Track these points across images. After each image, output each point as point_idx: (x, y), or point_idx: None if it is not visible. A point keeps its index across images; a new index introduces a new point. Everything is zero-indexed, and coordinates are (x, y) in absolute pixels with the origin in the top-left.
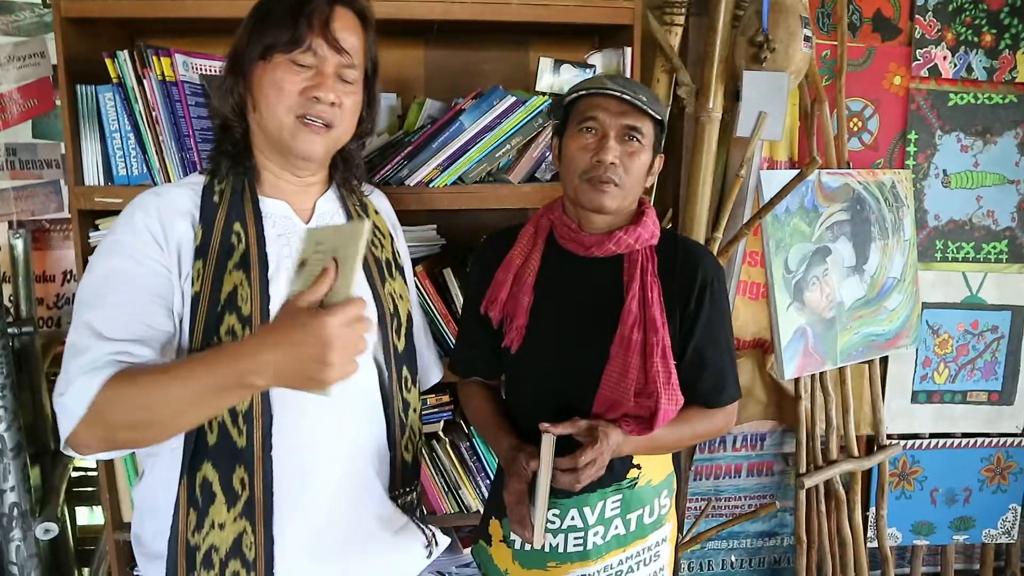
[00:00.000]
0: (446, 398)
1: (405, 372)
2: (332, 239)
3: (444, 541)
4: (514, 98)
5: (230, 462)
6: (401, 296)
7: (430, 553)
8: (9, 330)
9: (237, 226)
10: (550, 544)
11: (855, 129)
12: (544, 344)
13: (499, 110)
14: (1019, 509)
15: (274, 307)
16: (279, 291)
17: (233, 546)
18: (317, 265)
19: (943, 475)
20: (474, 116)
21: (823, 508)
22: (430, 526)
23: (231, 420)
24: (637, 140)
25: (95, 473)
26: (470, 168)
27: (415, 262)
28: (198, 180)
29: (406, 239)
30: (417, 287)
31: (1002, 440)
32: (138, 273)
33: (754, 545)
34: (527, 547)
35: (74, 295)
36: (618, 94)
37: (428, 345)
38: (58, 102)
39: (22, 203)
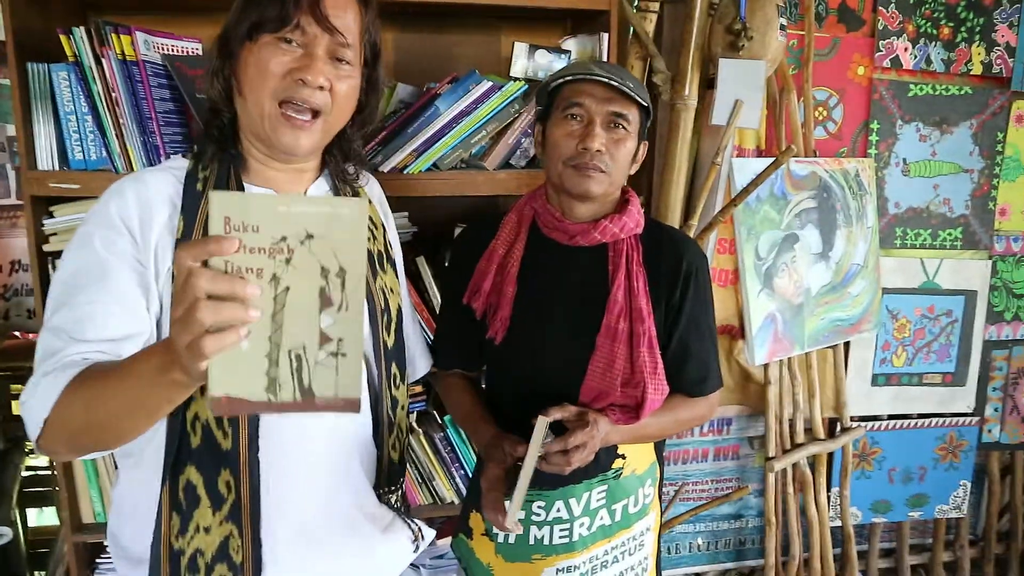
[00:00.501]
0: (419, 388)
1: (394, 369)
2: (311, 224)
3: (430, 534)
4: (490, 83)
5: (215, 465)
6: (392, 290)
7: (417, 547)
8: None
9: None
10: (535, 536)
11: (820, 118)
12: (529, 335)
13: (475, 95)
14: (968, 485)
15: None
16: None
17: (219, 550)
18: (301, 276)
19: (900, 455)
20: (450, 101)
21: (790, 490)
22: (415, 520)
23: (216, 422)
24: (623, 127)
25: (48, 472)
26: (445, 154)
27: None
28: (181, 164)
29: None
30: None
31: (954, 420)
32: (110, 268)
33: (720, 528)
34: (511, 539)
35: (23, 286)
36: (605, 80)
37: (416, 335)
38: (5, 81)
39: None
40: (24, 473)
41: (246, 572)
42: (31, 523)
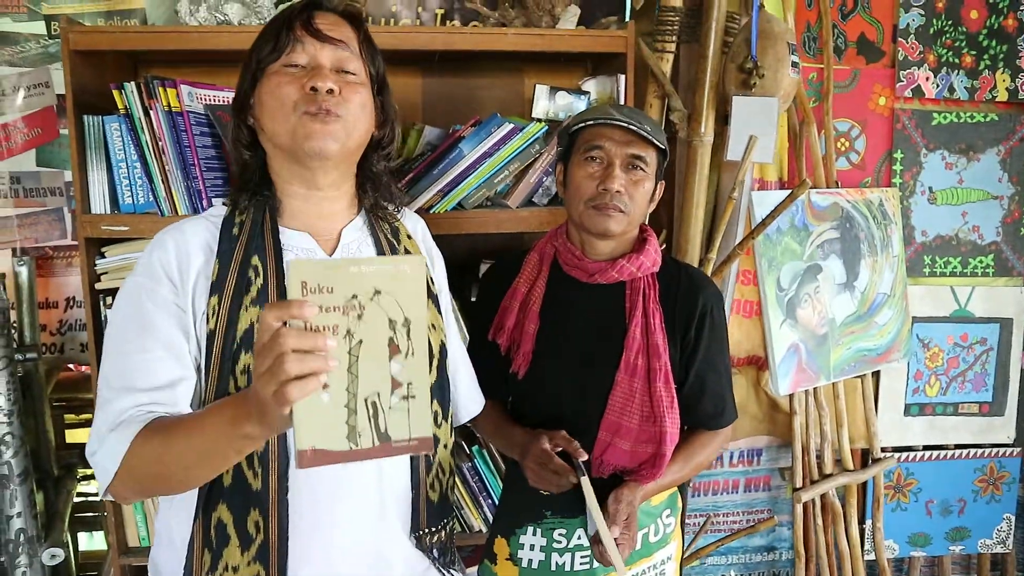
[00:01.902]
0: None
1: (435, 406)
2: (377, 282)
3: None
4: (512, 125)
5: (244, 504)
6: (434, 327)
7: None
8: (14, 357)
9: (255, 259)
10: (556, 563)
11: (843, 149)
12: (550, 369)
13: (497, 137)
14: (1013, 519)
15: None
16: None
17: None
18: (371, 329)
19: (937, 486)
20: (473, 143)
21: (820, 522)
22: (453, 569)
23: (247, 462)
24: (641, 168)
25: (96, 498)
26: (470, 193)
27: None
28: (219, 212)
29: None
30: None
31: (994, 451)
32: (156, 318)
33: (752, 560)
34: (534, 565)
35: (77, 321)
36: (624, 124)
37: (468, 374)
38: (63, 131)
39: (25, 230)
40: (75, 499)
41: None
42: (82, 547)
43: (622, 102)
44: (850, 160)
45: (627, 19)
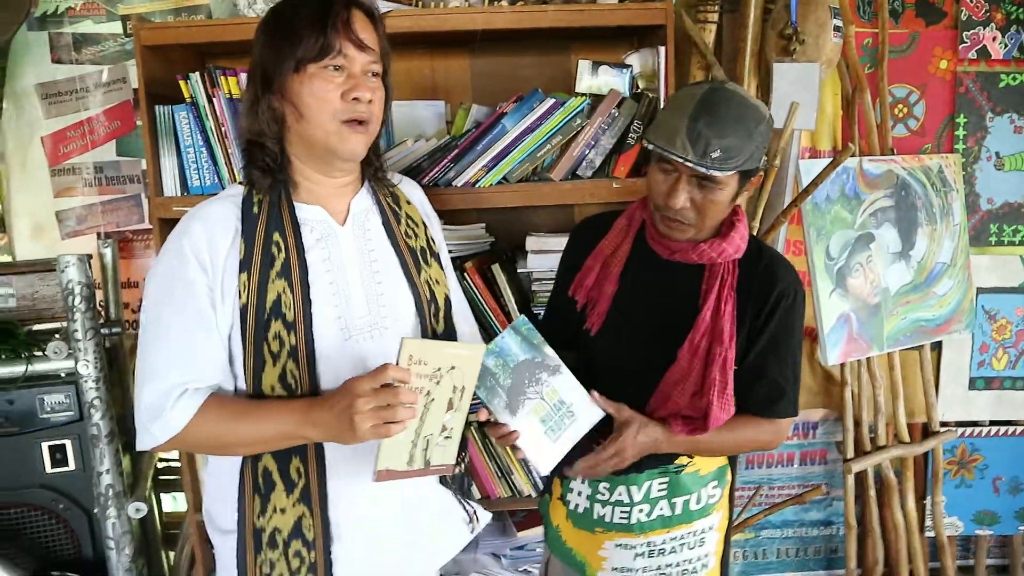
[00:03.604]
0: None
1: None
2: (455, 361)
3: (485, 517)
4: (553, 100)
5: (286, 453)
6: (438, 281)
7: (472, 529)
8: (101, 331)
9: (276, 236)
10: (598, 513)
11: (900, 115)
12: (620, 333)
13: (539, 112)
14: None
15: (315, 310)
16: (319, 295)
17: (294, 528)
18: (442, 392)
19: (1006, 463)
20: (515, 119)
21: (874, 494)
22: (471, 502)
23: None
24: (712, 186)
25: (178, 463)
26: (514, 168)
27: (465, 259)
28: (238, 191)
29: (456, 237)
30: (467, 282)
31: None
32: (189, 300)
33: (809, 534)
34: (579, 509)
35: None
36: (680, 160)
37: (469, 325)
38: (139, 122)
39: (108, 216)
40: (158, 464)
41: (318, 547)
42: (165, 508)
43: (663, 75)
44: (908, 127)
45: None
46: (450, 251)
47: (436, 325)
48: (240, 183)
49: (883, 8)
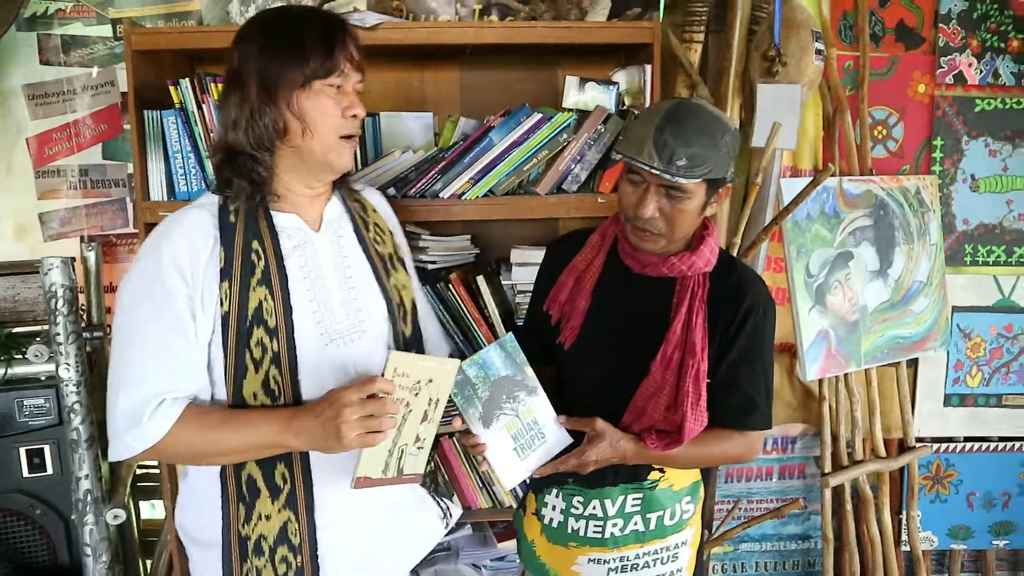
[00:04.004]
0: None
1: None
2: (432, 374)
3: (457, 511)
4: (540, 115)
5: (270, 460)
6: (404, 286)
7: (446, 524)
8: (83, 335)
9: (255, 244)
10: (572, 527)
11: (880, 137)
12: (593, 347)
13: (526, 126)
14: None
15: (296, 316)
16: (299, 301)
17: (279, 534)
18: (419, 403)
19: (980, 479)
20: (503, 132)
21: (851, 509)
22: (444, 499)
23: None
24: (679, 195)
25: (157, 471)
26: (500, 181)
27: (450, 270)
28: (211, 200)
29: (442, 249)
30: (452, 293)
31: None
32: (168, 306)
33: (787, 548)
34: (554, 524)
35: None
36: (647, 168)
37: (435, 325)
38: (126, 126)
39: (92, 219)
40: (137, 471)
41: (304, 552)
42: (144, 515)
43: (648, 92)
44: (887, 148)
45: (659, 11)
46: (435, 262)
47: (405, 328)
48: (212, 191)
49: (864, 32)
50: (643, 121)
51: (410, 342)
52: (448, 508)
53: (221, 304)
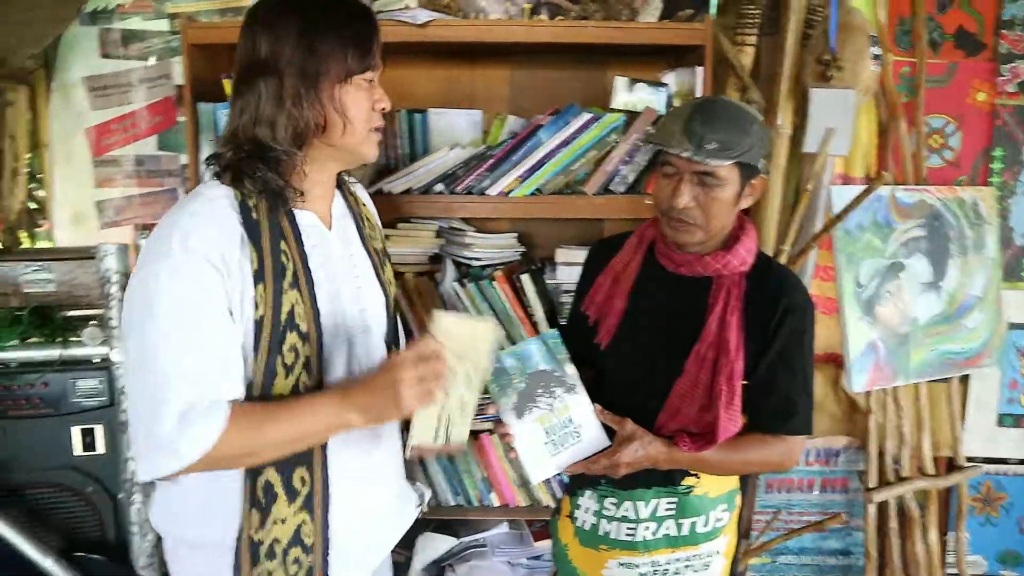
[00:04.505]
0: None
1: (402, 344)
2: (475, 336)
3: (427, 494)
4: (589, 115)
5: (292, 464)
6: (391, 282)
7: (420, 509)
8: None
9: (283, 245)
10: (604, 529)
11: (936, 146)
12: (629, 347)
13: (575, 126)
14: None
15: (324, 320)
16: (321, 301)
17: (294, 536)
18: (464, 367)
19: None
20: (551, 131)
21: (895, 526)
22: (417, 483)
23: None
24: (713, 182)
25: None
26: (548, 180)
27: (495, 267)
28: (225, 192)
29: (488, 246)
30: (495, 290)
31: None
32: (205, 303)
33: (827, 562)
34: (586, 527)
35: None
36: (676, 154)
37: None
38: (180, 118)
39: (146, 208)
40: None
41: (316, 552)
42: None
43: (699, 94)
44: (943, 157)
45: (711, 12)
46: (479, 259)
47: (393, 323)
48: (221, 183)
49: (921, 38)
50: (673, 115)
51: (388, 333)
52: (422, 494)
53: (256, 308)
